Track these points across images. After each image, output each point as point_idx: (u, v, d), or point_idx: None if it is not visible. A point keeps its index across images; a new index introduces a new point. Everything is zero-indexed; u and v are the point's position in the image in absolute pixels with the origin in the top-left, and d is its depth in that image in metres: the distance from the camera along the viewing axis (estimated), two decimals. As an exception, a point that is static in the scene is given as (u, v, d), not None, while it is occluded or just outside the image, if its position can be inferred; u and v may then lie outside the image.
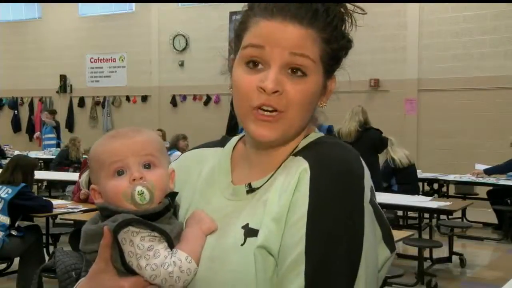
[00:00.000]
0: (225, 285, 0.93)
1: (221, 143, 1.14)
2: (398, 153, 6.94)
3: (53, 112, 12.48)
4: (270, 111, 0.95)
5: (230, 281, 0.92)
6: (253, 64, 0.97)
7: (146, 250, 0.95)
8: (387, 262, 0.98)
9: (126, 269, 0.96)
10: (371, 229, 0.92)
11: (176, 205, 1.05)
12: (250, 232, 0.94)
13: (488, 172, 7.74)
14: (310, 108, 0.99)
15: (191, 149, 1.20)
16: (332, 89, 1.03)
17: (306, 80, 0.96)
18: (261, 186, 1.00)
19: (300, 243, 0.89)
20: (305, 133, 1.04)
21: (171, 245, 0.97)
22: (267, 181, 1.00)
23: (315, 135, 1.04)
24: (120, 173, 1.00)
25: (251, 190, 1.01)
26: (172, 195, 1.03)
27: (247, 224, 0.95)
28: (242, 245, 0.94)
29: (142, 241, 0.95)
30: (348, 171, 0.93)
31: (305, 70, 0.95)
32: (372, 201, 0.94)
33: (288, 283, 0.89)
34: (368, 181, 0.95)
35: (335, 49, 0.99)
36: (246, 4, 1.02)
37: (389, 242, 0.98)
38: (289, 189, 0.94)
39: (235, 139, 1.13)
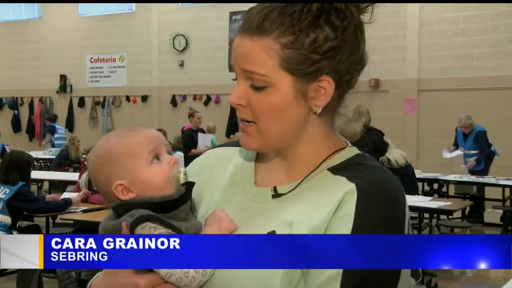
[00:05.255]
0: None
1: None
2: (394, 153, 6.91)
3: (52, 118, 12.12)
4: (247, 121, 0.98)
5: (250, 287, 0.91)
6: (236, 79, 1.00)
7: None
8: None
9: None
10: None
11: (193, 199, 1.05)
12: None
13: (472, 173, 7.97)
14: (285, 117, 0.95)
15: (216, 147, 1.20)
16: (327, 90, 0.95)
17: (269, 91, 0.94)
18: (287, 193, 0.99)
19: None
20: (335, 144, 1.02)
21: None
22: (294, 188, 0.99)
23: (351, 151, 1.03)
24: (157, 159, 1.04)
25: (276, 195, 1.00)
26: (188, 184, 1.03)
27: (274, 232, 0.94)
28: None
29: None
30: (394, 199, 0.94)
31: (262, 85, 0.94)
32: (409, 231, 0.95)
33: None
34: (407, 210, 0.96)
35: (306, 52, 0.92)
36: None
37: (414, 271, 0.99)
38: (330, 206, 0.93)
39: None
